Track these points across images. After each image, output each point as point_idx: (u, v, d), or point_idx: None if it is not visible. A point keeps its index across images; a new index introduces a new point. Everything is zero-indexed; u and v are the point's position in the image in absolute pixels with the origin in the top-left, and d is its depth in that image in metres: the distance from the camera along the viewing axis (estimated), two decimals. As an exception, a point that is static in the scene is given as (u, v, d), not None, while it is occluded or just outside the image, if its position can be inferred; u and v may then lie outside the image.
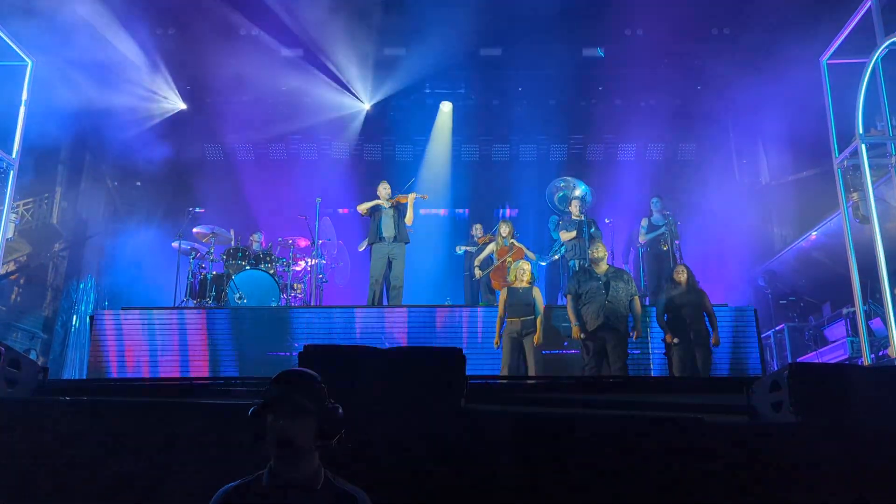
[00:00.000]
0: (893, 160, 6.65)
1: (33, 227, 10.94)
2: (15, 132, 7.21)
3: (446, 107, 12.15)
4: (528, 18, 10.32)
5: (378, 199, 8.61)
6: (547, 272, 10.17)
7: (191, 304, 8.67)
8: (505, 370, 6.72)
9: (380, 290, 8.45)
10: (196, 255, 9.20)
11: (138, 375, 7.39)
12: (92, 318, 7.73)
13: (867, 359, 6.78)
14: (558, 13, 10.23)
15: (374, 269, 8.44)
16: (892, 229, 7.31)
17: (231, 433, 2.78)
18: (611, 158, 13.05)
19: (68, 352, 10.98)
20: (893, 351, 6.15)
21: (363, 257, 12.64)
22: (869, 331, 7.37)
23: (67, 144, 11.33)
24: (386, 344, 7.73)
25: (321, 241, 9.69)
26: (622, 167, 12.93)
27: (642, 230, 9.57)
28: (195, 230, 9.30)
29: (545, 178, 12.83)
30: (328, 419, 2.12)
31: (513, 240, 8.39)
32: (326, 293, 10.17)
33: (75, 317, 11.29)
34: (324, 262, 9.87)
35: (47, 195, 11.23)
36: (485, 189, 13.25)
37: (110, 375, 7.41)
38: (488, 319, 7.45)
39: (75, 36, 8.94)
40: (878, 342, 7.68)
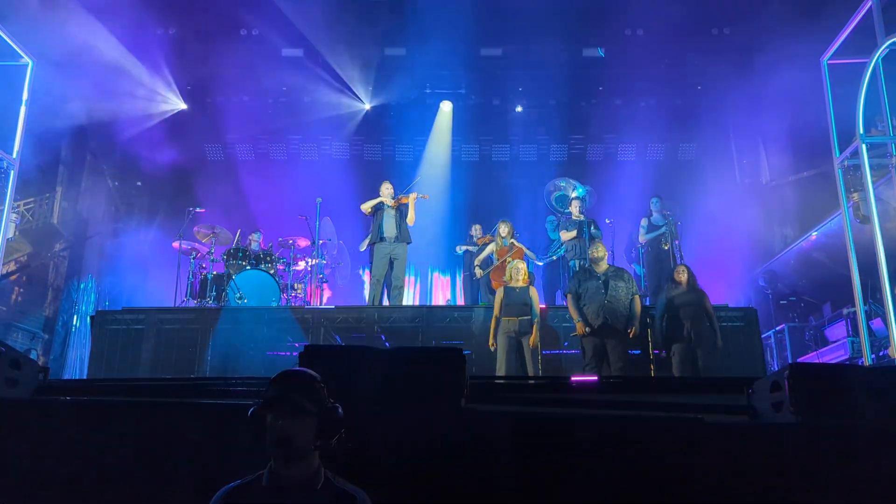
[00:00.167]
0: (894, 160, 6.65)
1: (34, 227, 10.94)
2: (15, 132, 7.21)
3: (446, 107, 12.14)
4: (528, 18, 10.33)
5: (381, 199, 8.61)
6: (546, 272, 10.17)
7: (191, 304, 8.67)
8: (502, 370, 6.70)
9: (381, 290, 8.45)
10: (196, 255, 9.20)
11: (138, 375, 7.39)
12: (92, 318, 7.74)
13: (867, 359, 6.77)
14: (558, 13, 10.24)
15: (376, 269, 8.44)
16: (893, 229, 7.31)
17: (231, 433, 2.78)
18: (611, 158, 13.06)
19: (69, 352, 10.98)
20: (894, 351, 6.15)
21: (364, 257, 12.66)
22: (869, 331, 7.37)
23: (68, 144, 11.33)
24: (386, 344, 7.74)
25: (321, 241, 9.69)
26: (622, 167, 12.93)
27: (642, 230, 9.58)
28: (195, 230, 9.31)
29: (545, 178, 12.85)
30: (328, 419, 2.13)
31: (512, 240, 8.37)
32: (327, 293, 10.18)
33: (76, 317, 11.29)
34: (324, 262, 9.87)
35: (48, 195, 11.22)
36: (485, 189, 13.26)
37: (110, 375, 7.42)
38: (489, 319, 7.44)
39: (76, 36, 8.94)
40: (879, 342, 7.68)
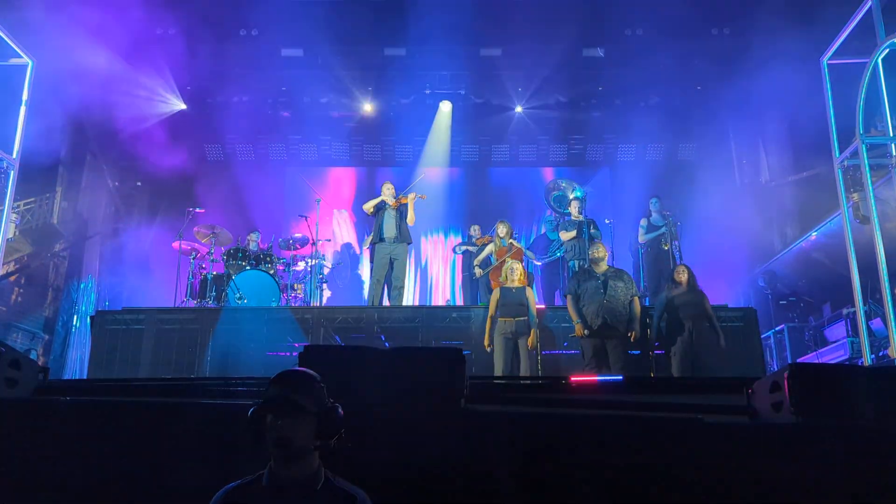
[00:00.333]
0: (894, 160, 6.65)
1: (34, 227, 10.94)
2: (15, 132, 7.21)
3: (446, 107, 12.14)
4: (529, 18, 10.32)
5: (382, 198, 8.61)
6: (545, 273, 10.17)
7: (191, 304, 8.68)
8: (499, 370, 6.70)
9: (381, 290, 8.45)
10: (196, 256, 9.20)
11: (138, 375, 7.39)
12: (92, 319, 7.74)
13: (867, 359, 6.77)
14: (558, 13, 10.24)
15: (376, 270, 8.44)
16: (893, 229, 7.31)
17: (231, 433, 2.78)
18: (611, 158, 13.06)
19: (69, 352, 10.97)
20: (893, 351, 6.15)
21: (366, 257, 12.64)
22: (869, 331, 7.37)
23: (68, 144, 11.33)
24: (386, 344, 7.74)
25: (321, 241, 9.70)
26: (622, 167, 12.94)
27: (641, 230, 9.57)
28: (195, 230, 9.31)
29: (545, 179, 12.85)
30: (328, 419, 2.13)
31: (511, 240, 8.37)
32: (326, 293, 10.18)
33: (76, 317, 11.29)
34: (324, 263, 9.87)
35: (48, 195, 11.22)
36: (484, 189, 13.26)
37: (110, 375, 7.42)
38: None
39: (76, 35, 8.93)
40: (878, 342, 7.68)
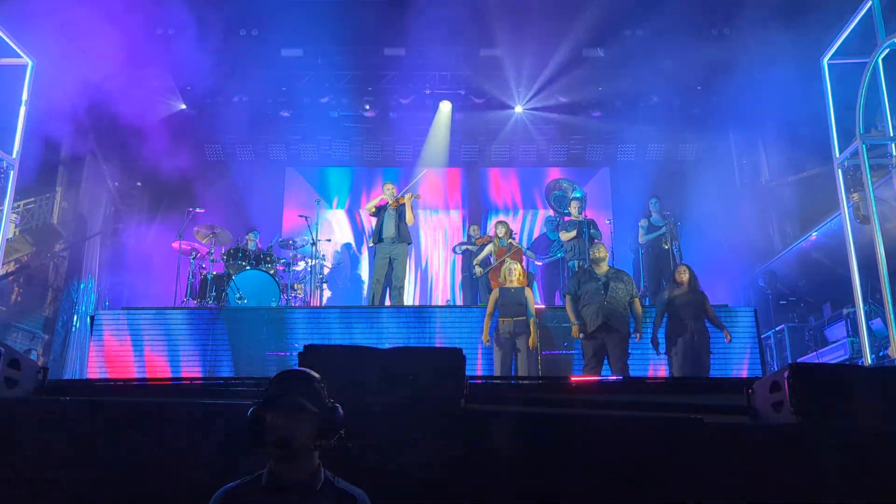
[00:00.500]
0: (894, 160, 6.64)
1: (34, 227, 10.93)
2: (15, 132, 7.20)
3: (446, 107, 12.13)
4: (528, 18, 10.32)
5: (383, 198, 8.67)
6: (546, 273, 10.16)
7: (191, 305, 8.67)
8: (498, 370, 6.71)
9: (381, 290, 8.46)
10: (196, 256, 9.20)
11: (138, 375, 7.40)
12: (92, 319, 7.74)
13: (867, 359, 6.77)
14: (558, 13, 10.23)
15: (376, 270, 8.48)
16: (893, 229, 7.31)
17: (230, 433, 2.78)
18: (611, 158, 13.06)
19: (69, 352, 10.96)
20: (894, 351, 6.14)
21: (366, 257, 12.65)
22: (869, 331, 7.36)
23: (68, 144, 11.32)
24: (386, 344, 7.74)
25: (321, 241, 9.70)
26: (622, 167, 12.94)
27: (641, 230, 9.57)
28: (195, 230, 9.31)
29: (545, 179, 12.84)
30: (328, 419, 2.12)
31: (510, 240, 8.37)
32: (326, 293, 10.18)
33: (76, 317, 11.28)
34: (324, 263, 9.87)
35: (47, 195, 11.21)
36: (484, 189, 13.27)
37: (110, 375, 7.42)
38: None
39: (76, 35, 8.93)
40: (879, 342, 7.67)
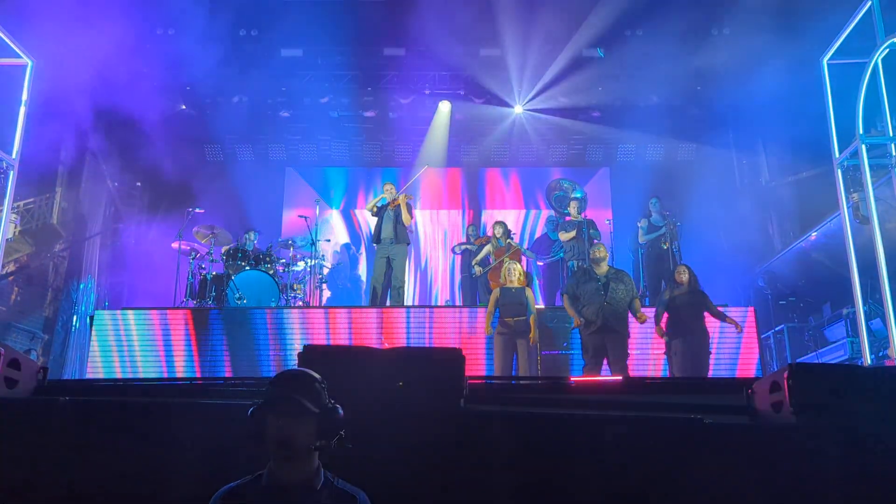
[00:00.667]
0: (894, 160, 6.64)
1: (34, 227, 10.93)
2: (15, 132, 7.19)
3: (445, 107, 12.14)
4: (528, 19, 10.32)
5: (382, 197, 8.68)
6: (546, 273, 10.16)
7: (191, 305, 8.67)
8: (498, 370, 6.71)
9: (380, 291, 8.47)
10: (196, 256, 9.20)
11: (138, 375, 7.40)
12: (92, 319, 7.75)
13: (867, 359, 6.77)
14: (558, 13, 10.24)
15: (375, 270, 8.52)
16: (893, 229, 7.31)
17: (231, 433, 2.78)
18: (611, 158, 13.06)
19: (68, 352, 10.97)
20: (894, 351, 6.14)
21: (365, 257, 12.65)
22: (869, 331, 7.36)
23: (68, 144, 11.32)
24: (385, 344, 7.74)
25: (321, 241, 9.70)
26: (622, 167, 12.94)
27: (641, 230, 9.58)
28: (195, 230, 9.31)
29: (545, 179, 12.85)
30: (328, 419, 2.12)
31: (509, 240, 8.37)
32: (326, 293, 10.18)
33: (75, 317, 11.29)
34: (324, 263, 9.87)
35: (47, 195, 11.21)
36: (483, 189, 13.27)
37: (110, 375, 7.43)
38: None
39: (76, 35, 8.93)
40: (878, 342, 7.67)
